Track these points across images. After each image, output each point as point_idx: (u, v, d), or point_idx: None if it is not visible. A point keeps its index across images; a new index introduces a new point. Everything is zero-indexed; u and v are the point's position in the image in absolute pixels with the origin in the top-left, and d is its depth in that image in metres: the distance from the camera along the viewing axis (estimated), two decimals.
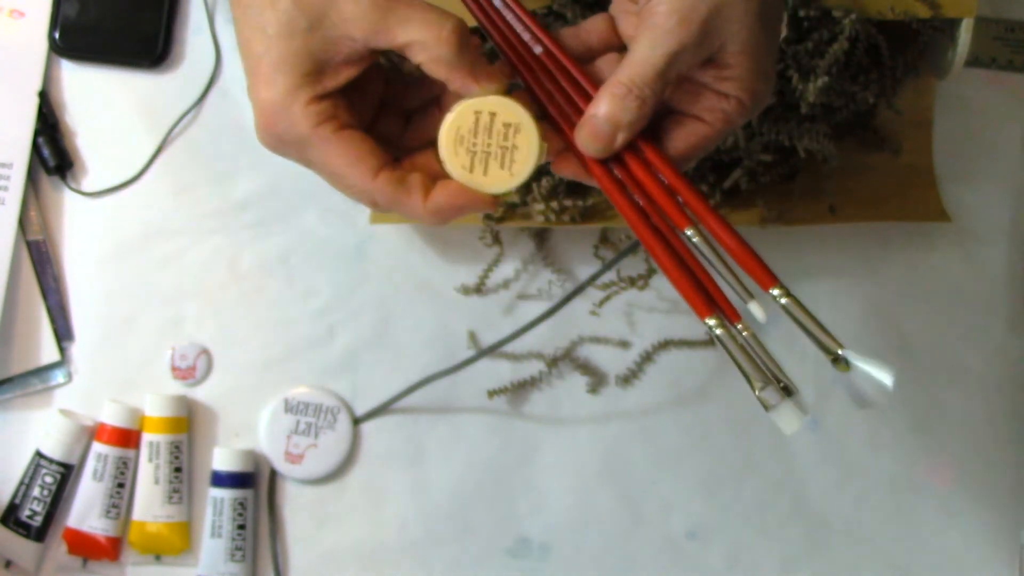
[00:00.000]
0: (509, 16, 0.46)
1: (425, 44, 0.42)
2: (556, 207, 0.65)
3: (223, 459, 0.67)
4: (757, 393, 0.40)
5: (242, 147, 0.70)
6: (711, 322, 0.40)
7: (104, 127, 0.70)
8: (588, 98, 0.43)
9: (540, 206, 0.65)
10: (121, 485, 0.66)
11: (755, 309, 0.41)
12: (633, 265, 0.67)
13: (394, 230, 0.70)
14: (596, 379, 0.70)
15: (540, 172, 0.66)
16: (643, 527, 0.69)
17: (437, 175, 0.45)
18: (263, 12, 0.41)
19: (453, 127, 0.44)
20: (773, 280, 0.41)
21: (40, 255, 0.69)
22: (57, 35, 0.69)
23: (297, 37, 0.41)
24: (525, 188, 0.66)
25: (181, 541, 0.67)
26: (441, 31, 0.42)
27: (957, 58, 0.63)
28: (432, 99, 0.47)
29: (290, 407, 0.66)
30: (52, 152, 0.68)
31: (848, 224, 0.67)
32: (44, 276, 0.69)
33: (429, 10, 0.42)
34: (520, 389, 0.69)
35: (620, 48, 0.46)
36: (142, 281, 0.69)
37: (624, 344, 0.70)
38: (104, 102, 0.70)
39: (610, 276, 0.67)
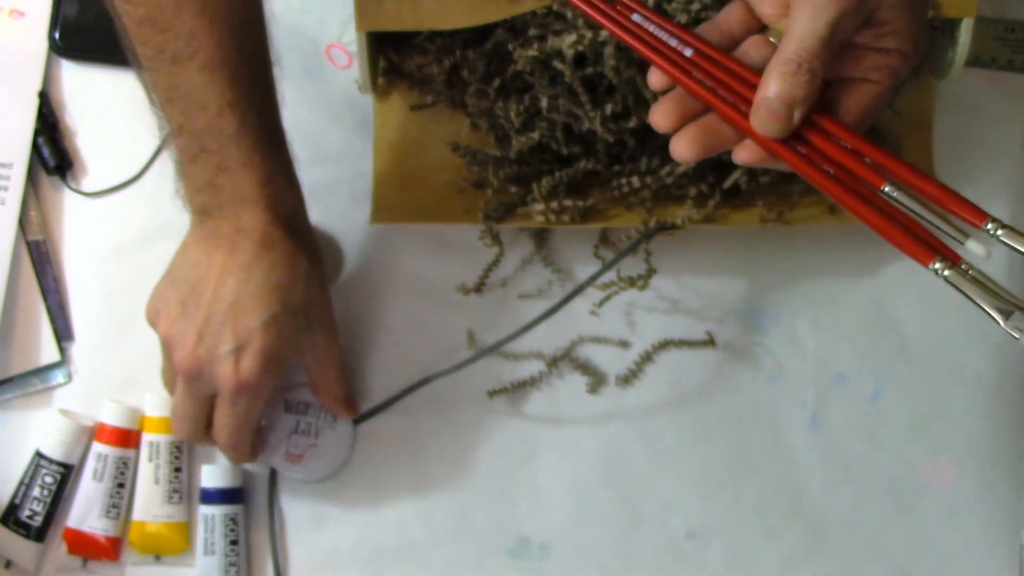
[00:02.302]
0: (652, 28, 0.47)
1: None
2: (556, 207, 0.65)
3: (212, 476, 0.66)
4: (1003, 324, 0.39)
5: None
6: (937, 265, 0.40)
7: (104, 127, 0.70)
8: (751, 85, 0.44)
9: (540, 206, 0.65)
10: (121, 485, 0.66)
11: (975, 246, 0.41)
12: (633, 265, 0.67)
13: (394, 230, 0.70)
14: (596, 379, 0.70)
15: (544, 173, 0.66)
16: (643, 527, 0.69)
17: None
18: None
19: None
20: (984, 216, 0.41)
21: (40, 255, 0.69)
22: (57, 35, 0.69)
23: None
24: (525, 189, 0.66)
25: (181, 541, 0.67)
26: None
27: (957, 58, 0.63)
28: None
29: (290, 407, 0.66)
30: (52, 152, 0.68)
31: (848, 224, 0.67)
32: (44, 276, 0.69)
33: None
34: (520, 389, 0.69)
35: (760, 30, 0.47)
36: (142, 281, 0.69)
37: (624, 344, 0.70)
38: (104, 102, 0.70)
39: (610, 276, 0.67)
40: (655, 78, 0.47)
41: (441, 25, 0.61)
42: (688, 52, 0.46)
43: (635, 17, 0.48)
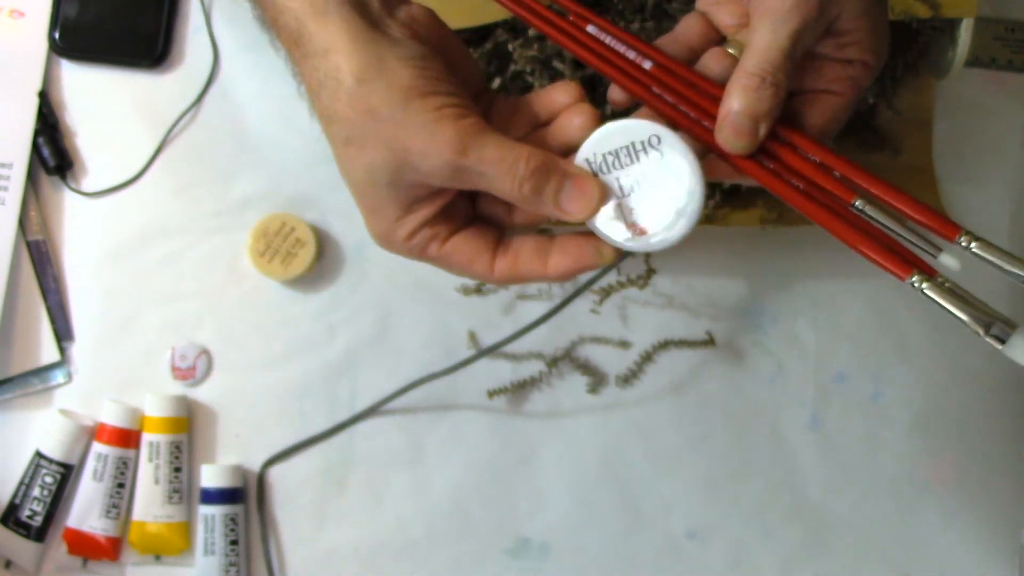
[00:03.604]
0: (608, 40, 0.46)
1: (505, 191, 0.41)
2: None
3: (212, 476, 0.67)
4: (984, 336, 0.40)
5: (242, 147, 0.70)
6: (915, 279, 0.40)
7: (104, 127, 0.70)
8: (714, 99, 0.43)
9: None
10: (121, 485, 0.66)
11: (948, 260, 0.40)
12: (634, 265, 0.67)
13: None
14: (596, 379, 0.70)
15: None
16: (643, 527, 0.69)
17: (546, 242, 0.44)
18: (351, 161, 0.42)
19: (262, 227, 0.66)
20: (957, 229, 0.40)
21: (40, 255, 0.69)
22: (57, 35, 0.69)
23: (380, 189, 0.41)
24: None
25: (181, 541, 0.67)
26: (516, 180, 0.41)
27: (957, 58, 0.63)
28: None
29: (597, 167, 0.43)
30: (52, 152, 0.68)
31: None
32: (44, 276, 0.69)
33: (503, 158, 0.40)
34: (520, 389, 0.69)
35: (720, 41, 0.46)
36: (142, 281, 0.69)
37: (624, 344, 0.70)
38: (104, 102, 0.70)
39: (610, 278, 0.67)
40: (616, 94, 0.45)
41: None
42: (647, 65, 0.45)
43: (590, 29, 0.46)
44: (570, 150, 0.43)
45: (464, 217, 0.44)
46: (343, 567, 0.68)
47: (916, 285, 0.40)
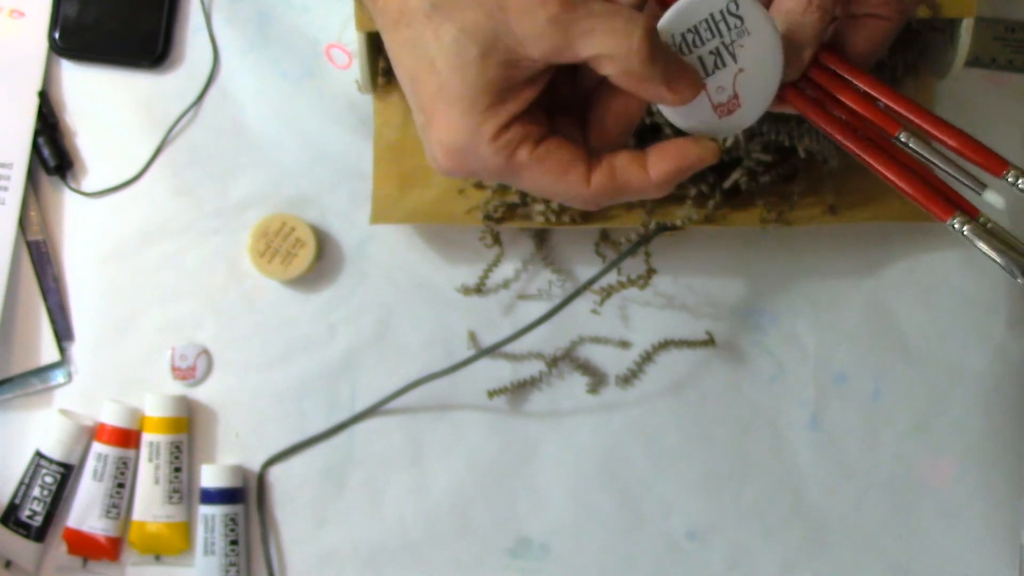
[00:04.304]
0: None
1: (614, 57, 0.36)
2: (556, 207, 0.65)
3: (212, 476, 0.67)
4: (1021, 280, 0.38)
5: (242, 147, 0.70)
6: (956, 221, 0.39)
7: (104, 127, 0.70)
8: None
9: (540, 206, 0.65)
10: (121, 485, 0.66)
11: (992, 197, 0.39)
12: (633, 266, 0.67)
13: (394, 230, 0.70)
14: (596, 379, 0.70)
15: None
16: (643, 527, 0.69)
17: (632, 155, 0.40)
18: (426, 45, 0.37)
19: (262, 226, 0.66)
20: (1004, 164, 0.39)
21: (40, 255, 0.69)
22: (57, 35, 0.69)
23: (471, 67, 0.36)
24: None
25: (181, 541, 0.67)
26: (631, 40, 0.36)
27: (957, 58, 0.63)
28: (601, 80, 0.40)
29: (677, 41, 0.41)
30: (52, 152, 0.68)
31: (848, 224, 0.67)
32: (44, 276, 0.69)
33: (614, 15, 0.37)
34: (520, 389, 0.69)
35: None
36: (142, 281, 0.69)
37: (624, 344, 0.70)
38: (104, 102, 0.70)
39: (610, 278, 0.67)
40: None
41: None
42: None
43: None
44: None
45: (546, 130, 0.40)
46: (343, 567, 0.68)
47: (956, 227, 0.39)
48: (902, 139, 0.40)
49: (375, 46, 0.65)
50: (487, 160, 0.38)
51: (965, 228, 0.39)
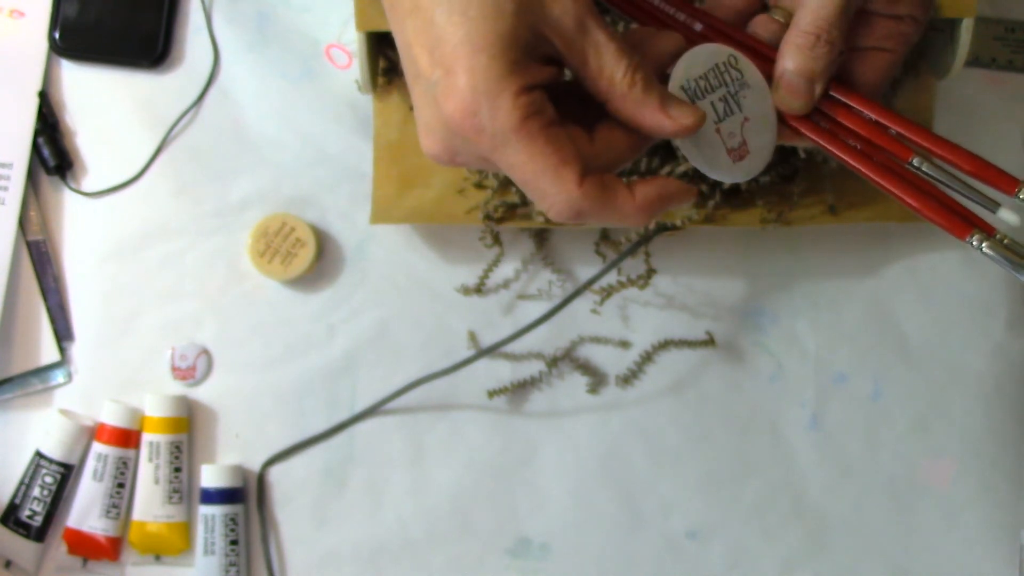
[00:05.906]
0: (657, 1, 0.45)
1: (612, 75, 0.38)
2: None
3: (212, 476, 0.67)
4: None
5: (242, 147, 0.70)
6: (975, 239, 0.40)
7: (104, 127, 0.70)
8: (767, 59, 0.43)
9: None
10: (121, 485, 0.66)
11: (1008, 215, 0.40)
12: (633, 266, 0.67)
13: (394, 230, 0.70)
14: (596, 379, 0.70)
15: None
16: (643, 527, 0.69)
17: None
18: None
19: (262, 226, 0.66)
20: (1016, 182, 0.40)
21: (40, 255, 0.69)
22: (57, 35, 0.69)
23: (506, 19, 0.37)
24: None
25: (181, 541, 0.67)
26: (634, 62, 0.39)
27: (957, 58, 0.63)
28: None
29: (692, 90, 0.43)
30: (52, 152, 0.68)
31: (848, 224, 0.67)
32: (44, 276, 0.69)
33: (622, 41, 0.39)
34: (520, 389, 0.69)
35: (763, 8, 0.45)
36: (142, 281, 0.69)
37: (624, 344, 0.70)
38: (104, 102, 0.70)
39: (610, 278, 0.67)
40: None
41: None
42: (698, 27, 0.45)
43: None
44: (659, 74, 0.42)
45: (558, 120, 0.40)
46: (343, 567, 0.68)
47: (975, 244, 0.40)
48: (915, 164, 0.42)
49: (375, 46, 0.65)
50: (500, 115, 0.37)
51: (984, 245, 0.40)
